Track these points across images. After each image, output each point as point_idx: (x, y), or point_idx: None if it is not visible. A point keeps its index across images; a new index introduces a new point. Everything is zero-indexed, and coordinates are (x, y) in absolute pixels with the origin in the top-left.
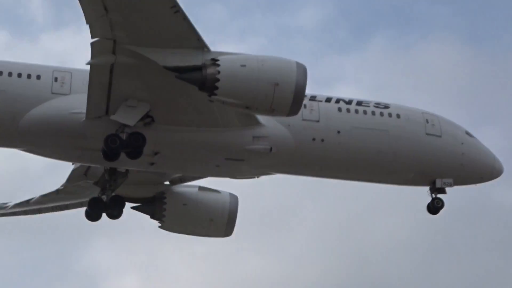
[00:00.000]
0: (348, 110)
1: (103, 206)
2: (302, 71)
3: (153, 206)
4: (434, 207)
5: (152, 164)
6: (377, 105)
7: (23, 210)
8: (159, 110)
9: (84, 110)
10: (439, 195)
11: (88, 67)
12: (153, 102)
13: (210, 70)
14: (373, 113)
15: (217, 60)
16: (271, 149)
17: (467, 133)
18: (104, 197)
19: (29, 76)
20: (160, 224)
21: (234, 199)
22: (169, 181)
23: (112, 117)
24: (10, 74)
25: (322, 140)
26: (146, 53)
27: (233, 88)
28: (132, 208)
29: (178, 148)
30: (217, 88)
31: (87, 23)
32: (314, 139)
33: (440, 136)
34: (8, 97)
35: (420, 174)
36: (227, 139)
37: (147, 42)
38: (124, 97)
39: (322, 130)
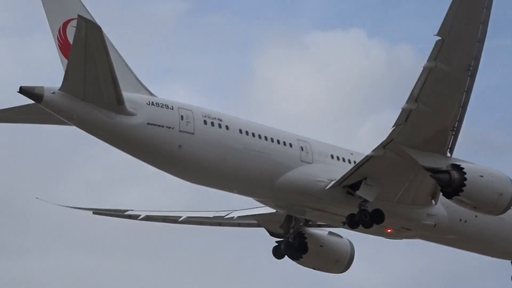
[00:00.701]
0: None
1: (294, 249)
2: None
3: (294, 243)
4: None
5: (344, 223)
6: None
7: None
8: (384, 190)
9: (324, 179)
10: None
11: (319, 137)
12: (385, 184)
13: (457, 176)
14: None
15: (462, 168)
16: (435, 225)
17: None
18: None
19: (284, 143)
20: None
21: (352, 245)
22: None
23: (357, 193)
24: (272, 140)
25: (465, 221)
26: (411, 153)
27: (473, 193)
28: (277, 242)
29: None
30: (461, 191)
31: (392, 127)
32: (460, 220)
33: None
34: (271, 160)
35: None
36: (413, 214)
37: (416, 145)
38: (364, 176)
39: (467, 213)
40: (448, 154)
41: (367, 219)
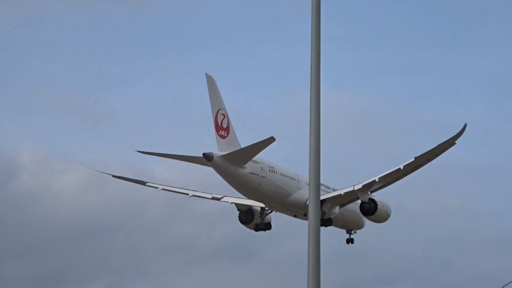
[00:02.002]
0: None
1: (267, 226)
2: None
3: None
4: (351, 241)
5: (305, 215)
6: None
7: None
8: (331, 206)
9: (305, 198)
10: (352, 236)
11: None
12: (334, 204)
13: (373, 206)
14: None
15: (376, 201)
16: (334, 217)
17: None
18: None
19: (293, 179)
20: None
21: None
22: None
23: (322, 208)
24: (290, 177)
25: (343, 214)
26: (360, 195)
27: (378, 215)
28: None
29: None
30: (373, 213)
31: (363, 184)
32: (342, 214)
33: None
34: (288, 189)
35: (347, 227)
36: (330, 214)
37: (363, 190)
38: (325, 199)
39: (344, 211)
40: (368, 193)
41: (327, 223)
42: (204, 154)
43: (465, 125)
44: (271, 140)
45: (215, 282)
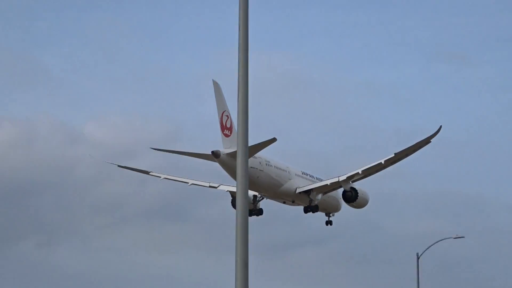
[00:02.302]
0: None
1: (259, 212)
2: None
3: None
4: (330, 223)
5: (293, 202)
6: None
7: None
8: (317, 193)
9: (294, 188)
10: (330, 219)
11: (292, 164)
12: (319, 191)
13: (354, 194)
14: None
15: (357, 190)
16: (318, 202)
17: None
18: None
19: (284, 171)
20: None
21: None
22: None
23: (310, 196)
24: (282, 169)
25: (325, 200)
26: (343, 184)
27: (359, 202)
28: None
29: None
30: (355, 201)
31: (348, 176)
32: (324, 200)
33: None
34: (280, 180)
35: (327, 211)
36: (314, 201)
37: (347, 180)
38: (312, 188)
39: (326, 196)
40: (350, 183)
41: (314, 209)
42: (212, 151)
43: (440, 127)
44: (272, 140)
45: (146, 241)
